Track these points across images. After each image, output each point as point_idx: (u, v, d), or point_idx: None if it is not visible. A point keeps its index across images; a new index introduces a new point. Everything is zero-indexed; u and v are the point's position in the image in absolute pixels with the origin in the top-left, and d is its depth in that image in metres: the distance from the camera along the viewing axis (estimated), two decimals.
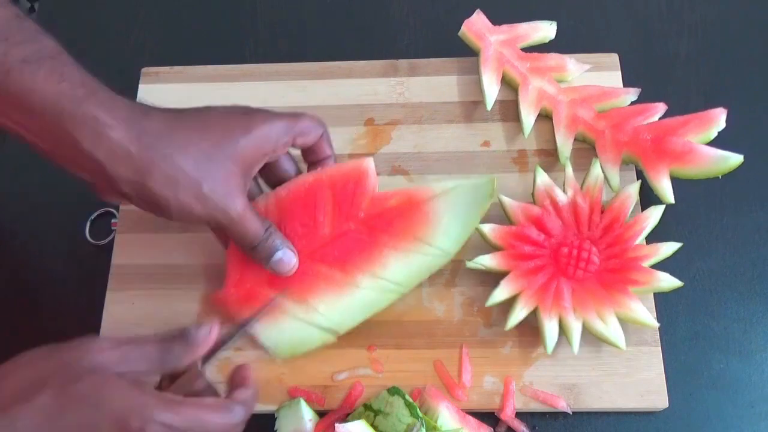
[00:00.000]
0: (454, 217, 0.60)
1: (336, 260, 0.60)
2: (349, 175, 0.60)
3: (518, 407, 0.59)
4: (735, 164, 0.61)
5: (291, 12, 0.80)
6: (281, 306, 0.59)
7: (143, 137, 0.50)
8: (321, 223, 0.59)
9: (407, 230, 0.60)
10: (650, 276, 0.58)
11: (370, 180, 0.60)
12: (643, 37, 0.76)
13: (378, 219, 0.60)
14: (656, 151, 0.64)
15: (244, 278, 0.60)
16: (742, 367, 0.62)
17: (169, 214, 0.52)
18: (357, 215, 0.60)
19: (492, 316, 0.62)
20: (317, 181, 0.59)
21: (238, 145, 0.53)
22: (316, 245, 0.60)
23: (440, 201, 0.60)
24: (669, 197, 0.62)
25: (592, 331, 0.57)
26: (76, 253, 0.69)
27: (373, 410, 0.57)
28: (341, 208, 0.60)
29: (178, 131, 0.52)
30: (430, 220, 0.60)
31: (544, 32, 0.71)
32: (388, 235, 0.60)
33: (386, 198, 0.60)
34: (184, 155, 0.51)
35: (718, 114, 0.63)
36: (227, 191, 0.53)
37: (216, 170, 0.52)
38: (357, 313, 0.60)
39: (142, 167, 0.50)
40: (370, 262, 0.60)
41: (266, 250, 0.57)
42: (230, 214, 0.53)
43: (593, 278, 0.59)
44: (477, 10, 0.71)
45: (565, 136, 0.67)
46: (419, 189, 0.61)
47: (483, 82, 0.69)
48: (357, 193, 0.60)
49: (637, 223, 0.60)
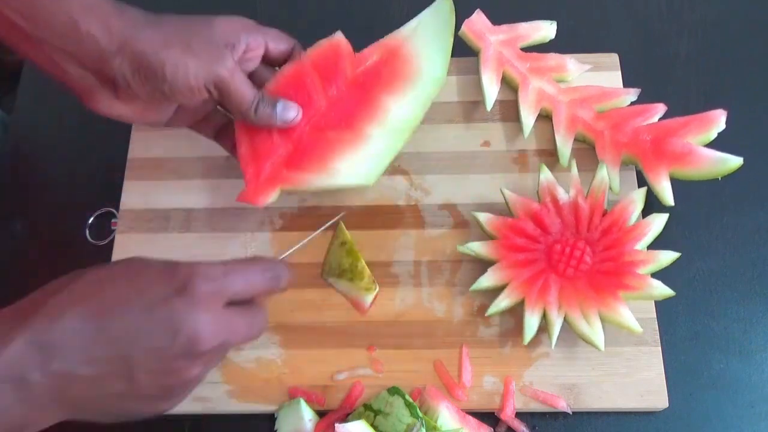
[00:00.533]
0: (431, 46, 0.66)
1: (341, 122, 0.63)
2: (325, 51, 0.63)
3: (518, 407, 0.59)
4: (734, 166, 0.61)
5: (291, 12, 0.80)
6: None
7: (147, 26, 0.53)
8: (316, 97, 0.63)
9: (396, 74, 0.65)
10: (643, 282, 0.58)
11: (344, 48, 0.64)
12: (643, 37, 0.76)
13: (366, 75, 0.65)
14: (656, 152, 0.64)
15: (260, 166, 0.61)
16: (742, 367, 0.62)
17: (163, 76, 0.53)
18: (346, 79, 0.64)
19: (492, 317, 0.62)
20: (298, 66, 0.62)
21: (214, 21, 0.57)
22: (318, 117, 0.63)
23: (413, 39, 0.66)
24: (668, 199, 0.62)
25: (574, 329, 0.57)
26: (76, 253, 0.69)
27: (373, 410, 0.57)
28: (329, 78, 0.63)
29: (161, 16, 0.56)
30: (412, 58, 0.65)
31: (544, 32, 0.71)
32: (381, 85, 0.64)
33: (366, 57, 0.65)
34: (170, 24, 0.55)
35: (718, 115, 0.63)
36: (215, 50, 0.55)
37: (201, 36, 0.55)
38: (380, 160, 0.63)
39: (132, 34, 0.52)
40: (373, 113, 0.64)
41: (267, 106, 0.59)
42: (222, 72, 0.55)
43: (585, 278, 0.59)
44: (477, 10, 0.71)
45: (565, 136, 0.67)
46: (390, 38, 0.66)
47: (483, 82, 0.69)
48: (339, 62, 0.63)
49: (636, 229, 0.60)
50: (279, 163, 0.61)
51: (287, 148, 0.62)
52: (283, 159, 0.62)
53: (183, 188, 0.69)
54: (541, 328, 0.59)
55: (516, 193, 0.63)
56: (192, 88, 0.54)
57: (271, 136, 0.61)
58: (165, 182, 0.69)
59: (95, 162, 0.73)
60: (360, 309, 0.63)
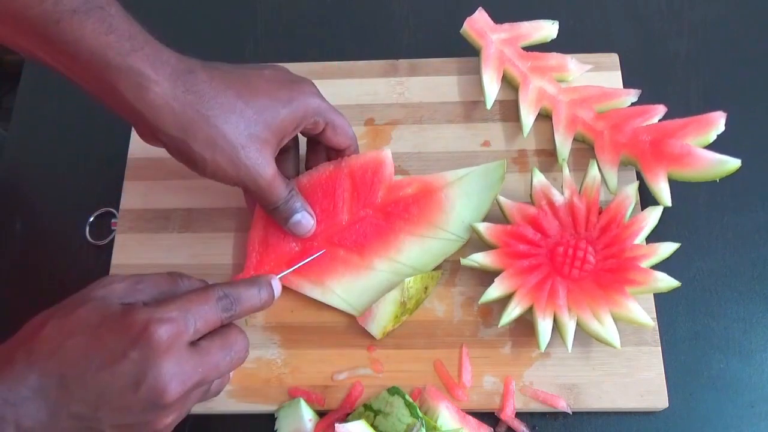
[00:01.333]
0: (468, 203, 0.63)
1: (354, 244, 0.62)
2: (367, 164, 0.63)
3: (518, 407, 0.59)
4: (732, 168, 0.60)
5: (291, 12, 0.80)
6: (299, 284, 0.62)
7: (187, 95, 0.51)
8: (340, 209, 0.62)
9: (423, 216, 0.63)
10: (648, 276, 0.58)
11: (387, 169, 0.63)
12: (643, 37, 0.76)
13: (394, 206, 0.63)
14: (654, 153, 0.63)
15: (264, 259, 0.62)
16: (742, 367, 0.62)
17: (202, 171, 0.54)
18: (374, 202, 0.63)
19: (492, 316, 0.62)
20: (337, 170, 0.62)
21: (278, 115, 0.55)
22: (335, 230, 0.62)
23: (454, 188, 0.63)
24: (666, 200, 0.62)
25: (587, 330, 0.57)
26: (76, 253, 0.69)
27: (373, 410, 0.57)
28: (359, 195, 0.63)
29: (223, 93, 0.53)
30: (444, 206, 0.63)
31: (546, 31, 0.71)
32: (404, 221, 0.63)
33: (402, 185, 0.64)
34: (226, 119, 0.52)
35: (717, 117, 0.63)
36: (261, 160, 0.54)
37: (254, 139, 0.54)
38: (373, 295, 0.61)
39: (183, 124, 0.51)
40: (387, 247, 0.63)
41: (287, 211, 0.59)
42: (259, 182, 0.55)
43: (590, 278, 0.59)
44: (479, 8, 0.71)
45: (564, 136, 0.67)
46: (434, 177, 0.64)
47: (483, 80, 0.69)
48: (375, 182, 0.63)
49: (634, 224, 0.60)
50: (283, 259, 0.62)
51: (296, 248, 0.62)
52: (289, 257, 0.62)
53: (183, 188, 0.69)
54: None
55: (515, 199, 0.62)
56: (227, 182, 0.55)
57: (287, 233, 0.62)
58: (165, 182, 0.69)
59: (95, 162, 0.73)
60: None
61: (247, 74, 0.55)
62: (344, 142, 0.61)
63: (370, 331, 0.60)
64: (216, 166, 0.53)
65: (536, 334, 0.57)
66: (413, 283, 0.59)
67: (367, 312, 0.60)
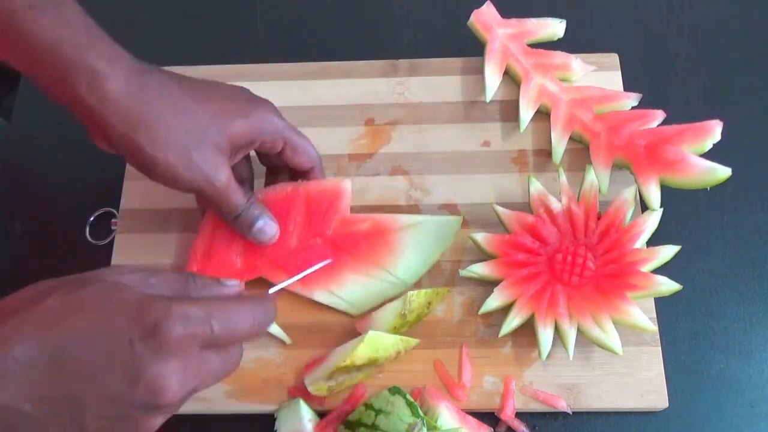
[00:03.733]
0: (417, 250, 0.62)
1: (296, 271, 0.61)
2: (325, 192, 0.62)
3: (518, 407, 0.59)
4: (723, 177, 0.60)
5: (291, 12, 0.80)
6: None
7: (140, 93, 0.50)
8: (290, 232, 0.62)
9: (370, 255, 0.62)
10: (649, 280, 0.58)
11: (344, 200, 0.63)
12: (643, 37, 0.76)
13: (344, 240, 0.62)
14: (648, 157, 0.63)
15: (203, 272, 0.61)
16: (742, 367, 0.62)
17: (153, 173, 0.53)
18: (325, 233, 0.62)
19: (492, 317, 0.62)
20: (294, 192, 0.62)
21: (234, 125, 0.54)
22: (280, 253, 0.62)
23: (407, 232, 0.63)
24: (655, 204, 0.61)
25: (589, 337, 0.57)
26: (76, 253, 0.69)
27: (374, 409, 0.57)
28: (312, 222, 0.62)
29: (178, 95, 0.52)
30: (394, 249, 0.62)
31: (552, 29, 0.71)
32: (351, 256, 0.62)
33: (356, 221, 0.63)
34: (180, 120, 0.52)
35: (714, 126, 0.62)
36: (214, 163, 0.54)
37: (207, 142, 0.53)
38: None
39: (134, 122, 0.50)
40: (329, 279, 0.62)
41: (249, 218, 0.58)
42: (215, 184, 0.54)
43: (590, 284, 0.59)
44: (487, 2, 0.71)
45: (561, 134, 0.67)
46: (389, 218, 0.64)
47: (485, 72, 0.69)
48: (329, 211, 0.62)
49: (633, 227, 0.60)
50: (222, 272, 0.61)
51: (238, 265, 0.62)
52: (229, 271, 0.61)
53: None
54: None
55: (514, 199, 0.62)
56: (179, 187, 0.54)
57: (231, 247, 0.61)
58: None
59: (95, 162, 0.73)
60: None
61: (205, 85, 0.55)
62: (306, 162, 0.60)
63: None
64: (168, 167, 0.52)
65: (537, 343, 0.57)
66: (416, 297, 0.58)
67: (366, 318, 0.60)
